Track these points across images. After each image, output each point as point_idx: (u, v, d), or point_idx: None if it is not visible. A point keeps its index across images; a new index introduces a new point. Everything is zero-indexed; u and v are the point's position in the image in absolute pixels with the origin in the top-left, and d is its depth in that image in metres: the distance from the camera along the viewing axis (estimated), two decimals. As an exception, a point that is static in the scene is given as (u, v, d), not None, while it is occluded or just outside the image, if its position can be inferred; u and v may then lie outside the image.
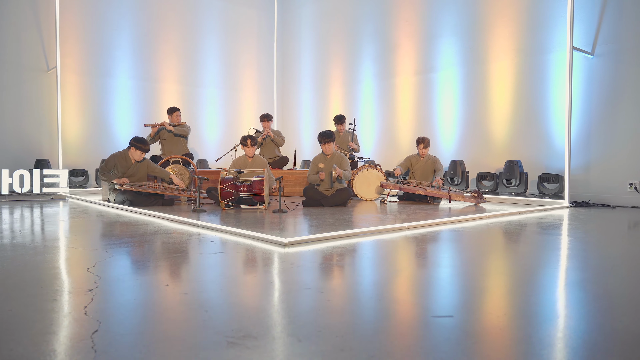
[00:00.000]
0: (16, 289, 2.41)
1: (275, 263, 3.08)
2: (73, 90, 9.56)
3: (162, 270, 2.89)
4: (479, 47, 8.54)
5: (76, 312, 2.05)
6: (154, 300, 2.26)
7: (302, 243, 3.71)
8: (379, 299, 2.31)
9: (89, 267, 2.88)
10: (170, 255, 3.29)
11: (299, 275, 2.76)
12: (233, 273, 2.88)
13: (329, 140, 6.88)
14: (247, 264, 3.09)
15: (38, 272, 2.78)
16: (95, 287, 2.42)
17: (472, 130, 8.63)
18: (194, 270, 2.95)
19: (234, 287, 2.54)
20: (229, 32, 11.61)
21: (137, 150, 6.70)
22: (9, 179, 7.39)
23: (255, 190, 6.15)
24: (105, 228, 4.59)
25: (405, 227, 4.55)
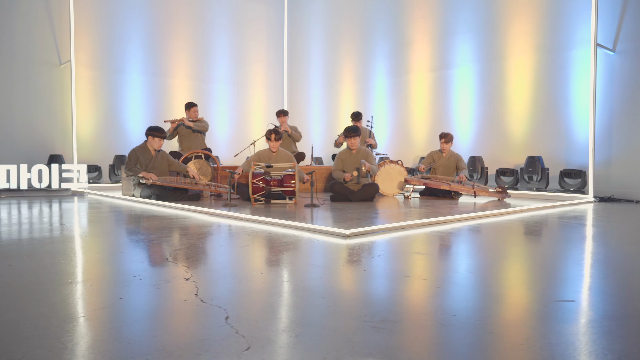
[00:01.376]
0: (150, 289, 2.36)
1: (351, 253, 3.05)
2: (86, 85, 9.41)
3: (244, 260, 2.85)
4: (496, 44, 8.57)
5: (194, 298, 2.01)
6: (264, 289, 2.22)
7: (363, 234, 3.68)
8: (488, 284, 2.30)
9: (168, 258, 2.83)
10: (241, 247, 3.24)
11: (387, 263, 2.74)
12: (320, 262, 2.85)
13: (355, 134, 6.85)
14: (324, 254, 3.05)
15: (141, 265, 2.72)
16: (190, 277, 2.37)
17: (490, 127, 8.67)
18: (277, 261, 2.91)
19: (332, 275, 2.51)
20: (239, 27, 11.53)
21: (155, 139, 6.64)
22: (28, 173, 7.24)
23: (286, 184, 6.10)
24: (157, 223, 4.51)
25: (452, 219, 4.55)
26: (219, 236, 3.67)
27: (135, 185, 6.69)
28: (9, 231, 3.85)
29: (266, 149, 6.95)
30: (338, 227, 3.90)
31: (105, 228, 4.11)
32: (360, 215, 4.89)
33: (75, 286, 2.21)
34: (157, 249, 3.14)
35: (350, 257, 2.94)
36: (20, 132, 8.70)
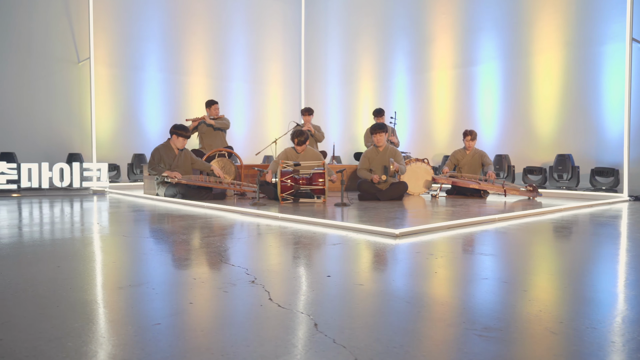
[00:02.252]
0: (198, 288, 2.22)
1: (409, 254, 2.90)
2: (104, 83, 9.30)
3: (301, 261, 2.70)
4: (523, 39, 8.40)
5: (270, 304, 1.86)
6: (340, 293, 2.07)
7: (412, 234, 3.53)
8: (575, 287, 2.14)
9: (221, 259, 2.69)
10: (291, 247, 3.10)
11: (455, 265, 2.59)
12: (381, 264, 2.69)
13: (382, 131, 6.69)
14: (380, 255, 2.90)
15: (202, 268, 2.59)
16: (255, 280, 2.23)
17: (516, 124, 8.49)
18: (336, 262, 2.76)
19: (403, 278, 2.36)
20: (256, 25, 11.40)
21: (179, 138, 6.52)
22: (49, 172, 7.13)
23: (315, 183, 5.96)
24: (192, 222, 4.37)
25: (496, 218, 4.39)
26: (262, 236, 3.52)
27: (159, 184, 6.56)
28: (45, 230, 3.72)
29: (291, 148, 6.80)
30: (381, 226, 3.75)
31: (140, 227, 3.98)
32: (396, 215, 4.74)
33: (137, 290, 2.06)
34: (205, 249, 3.00)
35: (410, 258, 2.79)
36: (39, 131, 8.60)
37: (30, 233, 3.60)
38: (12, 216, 4.65)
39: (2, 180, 6.89)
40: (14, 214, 4.87)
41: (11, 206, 5.60)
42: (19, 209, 5.30)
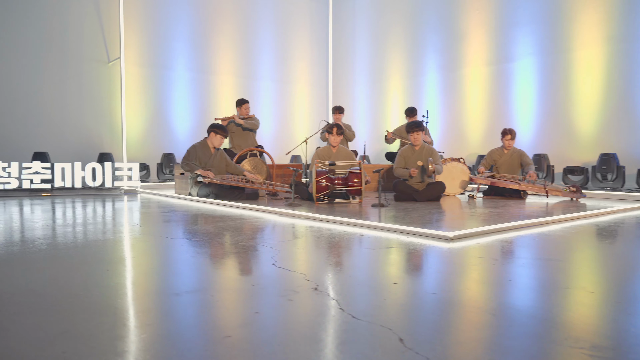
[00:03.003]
0: (262, 294, 2.09)
1: (469, 259, 2.72)
2: (134, 83, 9.29)
3: (360, 265, 2.55)
4: (561, 34, 8.11)
5: (343, 314, 1.71)
6: (414, 302, 1.91)
7: (466, 237, 3.35)
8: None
9: (274, 262, 2.55)
10: (346, 251, 2.95)
11: (524, 271, 2.40)
12: (444, 269, 2.52)
13: (418, 129, 6.49)
14: (440, 259, 2.72)
15: (265, 270, 2.46)
16: (317, 287, 2.08)
17: (555, 123, 8.21)
18: (394, 267, 2.60)
19: (475, 285, 2.19)
20: (283, 23, 11.29)
21: (217, 136, 6.43)
22: (82, 172, 7.11)
23: (351, 183, 5.80)
24: (231, 223, 4.25)
25: (548, 221, 4.18)
26: (308, 238, 3.38)
27: (192, 184, 6.47)
28: (86, 231, 3.64)
29: (326, 146, 6.64)
30: (424, 228, 3.57)
31: (179, 228, 3.87)
32: (437, 216, 4.55)
33: (196, 297, 1.93)
34: (253, 252, 2.87)
35: (474, 263, 2.61)
36: (71, 130, 8.62)
37: (72, 233, 3.52)
38: (48, 216, 4.60)
39: (37, 180, 6.89)
40: (48, 214, 4.82)
41: (46, 206, 5.57)
42: (54, 209, 5.26)
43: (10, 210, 5.17)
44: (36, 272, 2.32)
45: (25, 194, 7.01)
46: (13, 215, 4.74)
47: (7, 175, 6.72)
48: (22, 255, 2.70)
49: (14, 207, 5.50)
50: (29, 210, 5.18)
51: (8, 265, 2.46)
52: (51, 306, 1.79)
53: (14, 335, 1.50)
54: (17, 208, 5.37)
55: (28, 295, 1.93)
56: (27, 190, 6.95)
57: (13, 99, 8.10)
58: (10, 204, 5.76)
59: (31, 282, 2.14)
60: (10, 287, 2.04)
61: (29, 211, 5.06)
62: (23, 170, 6.82)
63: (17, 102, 8.13)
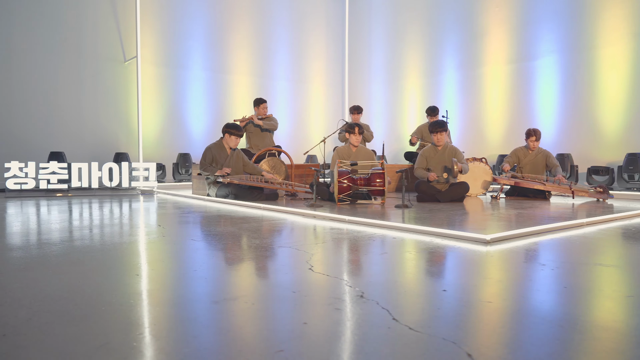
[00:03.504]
0: (308, 303, 1.97)
1: (513, 263, 2.58)
2: (150, 82, 9.22)
3: (401, 270, 2.42)
4: (585, 31, 7.91)
5: (399, 326, 1.58)
6: (471, 312, 1.78)
7: (504, 240, 3.21)
8: None
9: (310, 267, 2.42)
10: (381, 255, 2.82)
11: (577, 278, 2.26)
12: (489, 274, 2.38)
13: (442, 129, 6.35)
14: (480, 264, 2.58)
15: (289, 275, 2.34)
16: (363, 294, 1.95)
17: (578, 122, 8.01)
18: (437, 272, 2.46)
19: (529, 293, 2.04)
20: (299, 22, 11.18)
21: (231, 136, 6.32)
22: (99, 172, 7.04)
23: (374, 183, 5.66)
24: (256, 224, 4.14)
25: (583, 223, 4.02)
26: (339, 241, 3.25)
27: (210, 184, 6.38)
28: (108, 233, 3.54)
29: (345, 145, 6.51)
30: (463, 230, 3.43)
31: (203, 230, 3.76)
32: (464, 218, 4.41)
33: (235, 305, 1.81)
34: (286, 255, 2.75)
35: (520, 268, 2.47)
36: (87, 130, 8.56)
37: (94, 236, 3.42)
38: (66, 217, 4.51)
39: (54, 180, 6.83)
40: (66, 214, 4.74)
41: (63, 206, 5.49)
42: (72, 210, 5.18)
43: (27, 211, 5.10)
44: (61, 278, 2.22)
45: (42, 194, 6.95)
46: (30, 216, 4.66)
47: (24, 176, 6.67)
48: (44, 259, 2.60)
49: (31, 207, 5.43)
50: (46, 211, 5.11)
51: (31, 270, 2.36)
52: (84, 315, 1.68)
53: (48, 348, 1.39)
54: (34, 209, 5.30)
55: (57, 302, 1.82)
56: (44, 190, 6.89)
57: (29, 98, 8.06)
58: (27, 205, 5.69)
59: (58, 288, 2.03)
60: (37, 294, 1.94)
61: (46, 212, 4.99)
62: (40, 170, 6.77)
63: (33, 101, 8.09)
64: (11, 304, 1.80)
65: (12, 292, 1.97)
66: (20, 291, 1.98)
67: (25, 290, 2.00)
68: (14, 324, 1.58)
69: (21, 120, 7.99)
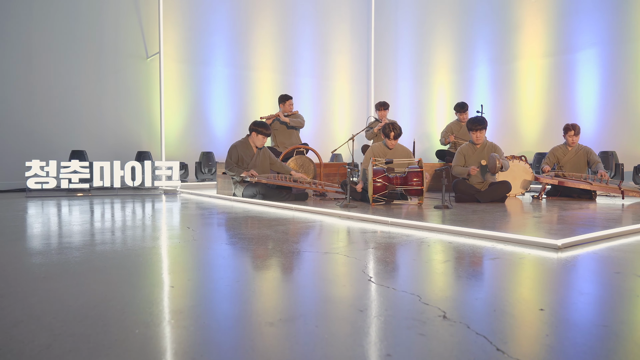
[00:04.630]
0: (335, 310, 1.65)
1: (600, 274, 2.22)
2: (172, 79, 8.99)
3: (481, 285, 2.09)
4: (629, 22, 7.45)
5: None
6: (590, 345, 1.44)
7: (576, 246, 2.84)
8: None
9: (369, 278, 2.10)
10: (444, 263, 2.49)
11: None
12: (585, 289, 2.03)
13: (481, 127, 5.97)
14: (565, 276, 2.23)
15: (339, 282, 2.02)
16: (445, 314, 1.62)
17: (623, 118, 7.55)
18: (518, 286, 2.13)
19: (631, 312, 1.70)
20: (323, 16, 10.86)
21: (258, 135, 6.03)
22: (121, 171, 6.81)
23: (410, 182, 5.31)
24: (292, 227, 3.83)
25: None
26: (388, 245, 2.92)
27: (236, 184, 6.09)
28: (132, 236, 3.26)
29: (379, 143, 6.16)
30: (519, 234, 3.07)
31: (236, 233, 3.46)
32: (516, 220, 4.04)
33: (295, 327, 1.50)
34: (336, 263, 2.43)
35: (612, 279, 2.11)
36: (108, 128, 8.36)
37: (119, 239, 3.14)
38: (88, 218, 4.25)
39: (75, 179, 6.62)
40: (88, 215, 4.49)
41: (85, 206, 5.25)
42: (94, 210, 4.93)
43: (48, 211, 4.86)
44: (85, 290, 1.93)
45: (63, 194, 6.74)
46: (51, 217, 4.42)
47: (45, 175, 6.46)
48: (66, 267, 2.32)
49: (52, 207, 5.20)
50: (67, 211, 4.86)
51: (52, 280, 2.08)
52: (115, 342, 1.38)
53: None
54: (55, 209, 5.06)
55: (82, 323, 1.52)
56: (65, 190, 6.69)
57: (50, 96, 7.88)
58: (48, 205, 5.46)
59: (82, 304, 1.74)
60: (59, 311, 1.64)
61: (67, 212, 4.74)
62: (61, 169, 6.55)
63: (54, 99, 7.91)
64: (29, 323, 1.51)
65: (31, 307, 1.69)
66: (40, 307, 1.69)
67: (45, 305, 1.71)
68: (31, 353, 1.29)
69: (42, 118, 7.80)
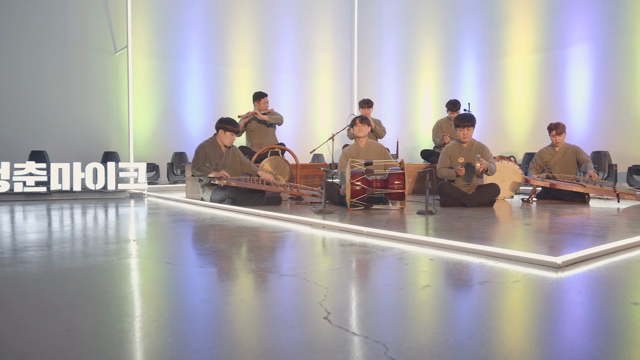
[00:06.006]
0: None
1: (609, 300, 1.81)
2: (143, 75, 8.49)
3: (477, 323, 1.66)
4: (624, 15, 7.11)
5: None
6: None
7: (578, 263, 2.44)
8: None
9: (326, 316, 1.66)
10: (423, 291, 2.05)
11: None
12: (605, 324, 1.61)
13: (469, 124, 5.58)
14: (576, 304, 1.81)
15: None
16: None
17: (616, 116, 7.22)
18: (521, 318, 1.70)
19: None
20: (304, 11, 10.42)
21: (226, 133, 5.59)
22: (82, 173, 6.31)
23: (392, 185, 4.89)
24: (266, 237, 3.38)
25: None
26: (360, 264, 2.48)
27: (204, 187, 5.63)
28: (61, 253, 2.78)
29: (352, 143, 5.74)
30: (527, 250, 2.66)
31: (186, 247, 3.00)
32: (509, 230, 3.64)
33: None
34: (292, 291, 1.99)
35: (619, 309, 1.69)
36: (73, 127, 7.84)
37: (46, 256, 2.67)
38: (23, 228, 3.76)
39: (30, 182, 6.10)
40: (28, 223, 3.99)
41: (33, 212, 4.75)
42: (40, 216, 4.44)
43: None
44: (38, 318, 1.46)
45: (18, 199, 6.22)
46: (2, 226, 3.92)
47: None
48: (14, 288, 1.85)
49: (4, 214, 4.69)
50: (7, 219, 4.36)
51: None
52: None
53: None
54: (9, 216, 4.56)
55: None
56: (21, 194, 6.17)
57: (9, 92, 7.34)
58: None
59: (37, 335, 1.28)
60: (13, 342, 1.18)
61: (7, 220, 4.24)
62: (15, 171, 6.03)
63: (14, 96, 7.37)
64: None
65: None
66: None
67: None
68: None
69: (0, 116, 7.26)
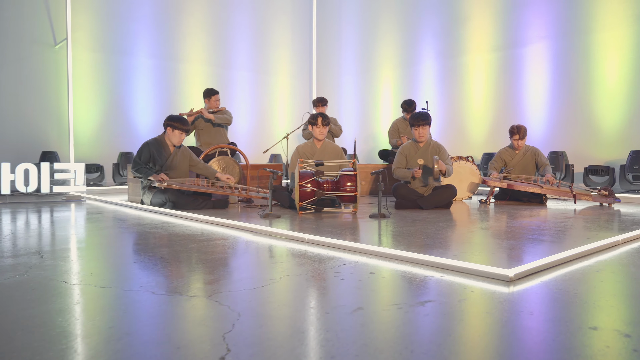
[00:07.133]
0: None
1: (564, 319, 1.56)
2: (84, 69, 7.97)
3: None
4: (581, 14, 7.07)
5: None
6: None
7: (532, 275, 2.21)
8: None
9: (223, 356, 1.35)
10: (356, 316, 1.77)
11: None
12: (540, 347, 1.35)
13: (424, 123, 5.36)
14: (511, 326, 1.55)
15: None
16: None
17: (573, 116, 7.17)
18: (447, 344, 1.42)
19: None
20: (262, 6, 10.07)
21: (174, 131, 5.20)
22: (11, 174, 5.80)
23: (343, 187, 4.62)
24: (197, 249, 3.04)
25: (619, 241, 3.06)
26: (293, 279, 2.18)
27: (145, 189, 5.23)
28: None
29: (307, 142, 5.45)
30: (477, 260, 2.42)
31: (97, 263, 2.64)
32: (463, 236, 3.42)
33: None
34: (194, 318, 1.67)
35: (573, 329, 1.45)
36: (8, 124, 7.28)
37: None
38: None
39: (-49, 185, 5.57)
40: None
41: (-52, 220, 4.27)
42: None
43: None
44: None
45: (-61, 203, 5.67)
46: None
47: None
48: None
49: None
50: None
51: None
52: None
53: None
54: None
55: None
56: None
57: None
58: None
59: None
60: None
61: None
62: None
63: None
64: None
65: None
66: None
67: None
68: None
69: None
